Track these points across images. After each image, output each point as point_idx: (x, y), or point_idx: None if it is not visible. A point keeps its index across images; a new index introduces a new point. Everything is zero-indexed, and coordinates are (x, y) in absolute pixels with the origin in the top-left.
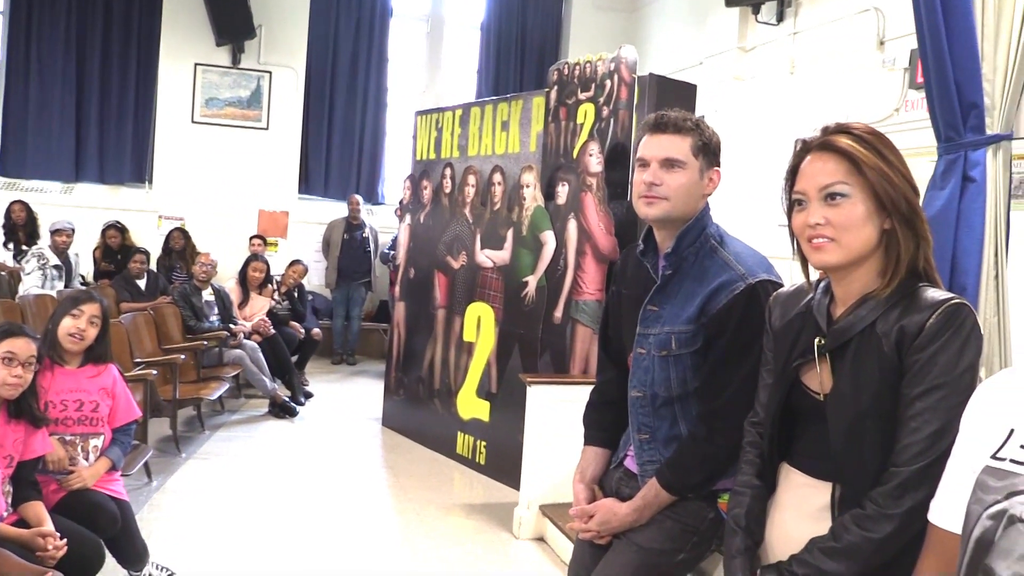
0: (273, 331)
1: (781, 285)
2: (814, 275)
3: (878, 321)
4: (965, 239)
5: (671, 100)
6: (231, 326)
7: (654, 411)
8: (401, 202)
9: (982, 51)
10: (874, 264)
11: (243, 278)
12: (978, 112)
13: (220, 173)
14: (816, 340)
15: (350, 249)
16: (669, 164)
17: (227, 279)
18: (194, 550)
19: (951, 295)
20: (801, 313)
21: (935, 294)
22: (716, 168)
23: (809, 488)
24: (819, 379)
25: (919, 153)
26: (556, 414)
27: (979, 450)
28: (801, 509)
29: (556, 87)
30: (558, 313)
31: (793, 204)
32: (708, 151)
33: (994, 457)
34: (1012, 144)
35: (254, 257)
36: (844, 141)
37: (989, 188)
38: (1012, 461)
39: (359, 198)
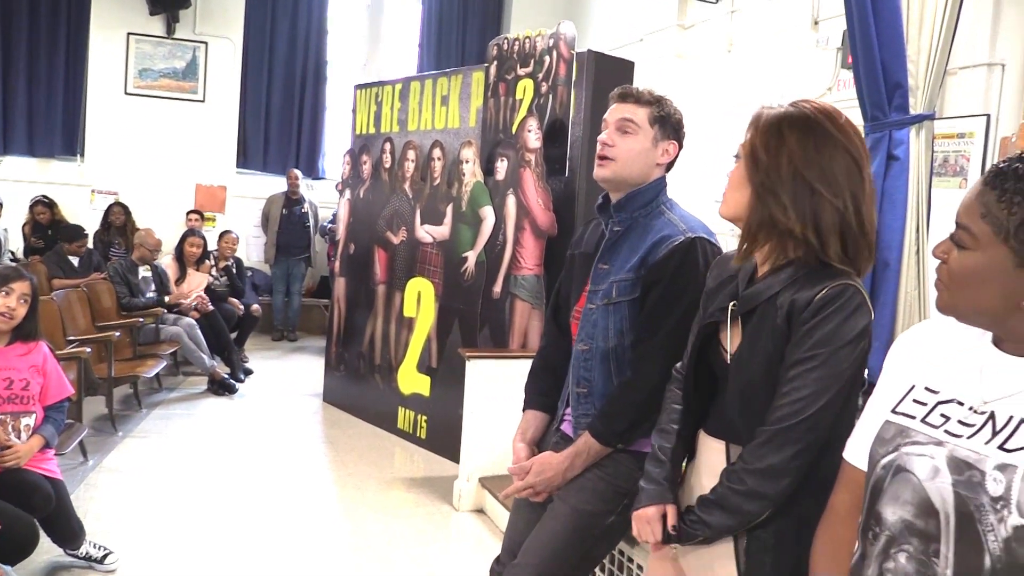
0: (211, 307)
1: (718, 246)
2: None
3: (781, 292)
4: (889, 215)
5: (609, 77)
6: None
7: (595, 364)
8: (341, 177)
9: (907, 33)
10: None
11: (180, 254)
12: (902, 92)
13: (155, 146)
14: (731, 303)
15: (289, 224)
16: (623, 128)
17: (163, 255)
18: (132, 528)
19: (845, 278)
20: (732, 275)
21: (832, 273)
22: (673, 141)
23: (713, 448)
24: (731, 341)
25: None
26: (495, 388)
27: (885, 402)
28: (709, 468)
29: (496, 62)
30: (497, 288)
31: None
32: (666, 124)
33: (893, 411)
34: (934, 124)
35: (191, 232)
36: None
37: (912, 166)
38: (905, 415)
39: (298, 172)
